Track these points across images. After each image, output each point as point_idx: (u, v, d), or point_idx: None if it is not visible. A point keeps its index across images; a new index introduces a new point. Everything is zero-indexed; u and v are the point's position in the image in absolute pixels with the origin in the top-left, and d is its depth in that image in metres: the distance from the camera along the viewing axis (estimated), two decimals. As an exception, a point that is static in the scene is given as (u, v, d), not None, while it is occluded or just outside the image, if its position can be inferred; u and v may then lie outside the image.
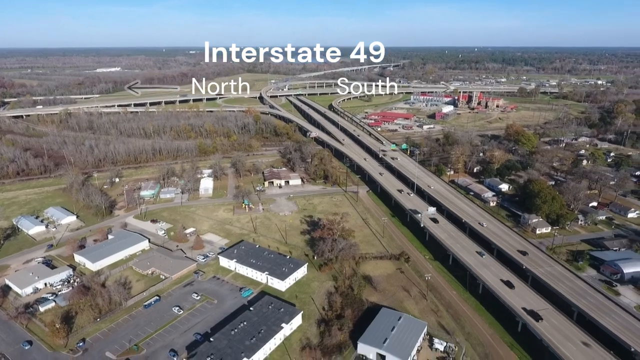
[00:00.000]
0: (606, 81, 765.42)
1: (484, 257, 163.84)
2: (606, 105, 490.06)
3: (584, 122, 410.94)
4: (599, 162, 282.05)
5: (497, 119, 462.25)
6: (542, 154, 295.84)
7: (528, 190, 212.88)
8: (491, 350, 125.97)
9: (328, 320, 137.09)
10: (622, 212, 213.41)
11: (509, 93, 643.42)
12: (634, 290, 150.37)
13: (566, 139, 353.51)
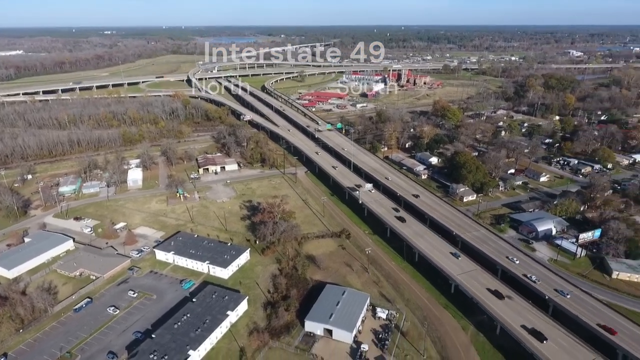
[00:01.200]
0: (519, 57, 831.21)
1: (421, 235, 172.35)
2: (519, 79, 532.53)
3: (501, 96, 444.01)
4: (515, 133, 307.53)
5: (425, 96, 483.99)
6: (466, 127, 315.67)
7: (455, 161, 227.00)
8: (428, 312, 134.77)
9: (274, 303, 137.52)
10: (535, 176, 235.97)
11: (434, 70, 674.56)
12: (547, 246, 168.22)
13: (486, 112, 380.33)
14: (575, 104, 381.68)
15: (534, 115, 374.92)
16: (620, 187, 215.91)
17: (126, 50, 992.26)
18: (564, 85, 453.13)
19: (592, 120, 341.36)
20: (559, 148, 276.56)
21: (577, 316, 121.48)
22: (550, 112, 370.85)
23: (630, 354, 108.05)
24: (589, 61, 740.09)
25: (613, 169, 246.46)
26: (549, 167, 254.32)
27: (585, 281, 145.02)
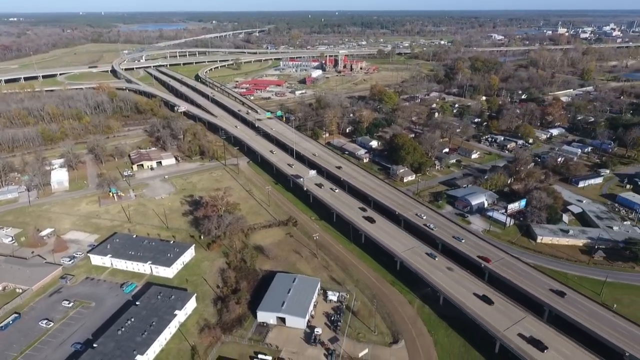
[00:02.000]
0: (447, 41, 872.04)
1: (366, 211, 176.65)
2: (449, 63, 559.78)
3: (433, 79, 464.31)
4: (447, 114, 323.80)
5: (362, 81, 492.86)
6: (403, 110, 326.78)
7: (394, 144, 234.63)
8: (377, 290, 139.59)
9: (224, 297, 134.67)
10: (467, 154, 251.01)
11: (370, 55, 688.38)
12: (480, 218, 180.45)
13: (420, 95, 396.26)
14: (499, 85, 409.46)
15: (464, 96, 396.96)
16: (541, 159, 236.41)
17: (38, 39, 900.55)
18: (489, 67, 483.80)
19: (514, 99, 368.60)
20: (487, 126, 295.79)
21: (509, 280, 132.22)
22: (477, 93, 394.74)
23: (552, 307, 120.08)
24: (509, 44, 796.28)
25: (534, 143, 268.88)
26: (479, 144, 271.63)
27: (515, 247, 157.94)
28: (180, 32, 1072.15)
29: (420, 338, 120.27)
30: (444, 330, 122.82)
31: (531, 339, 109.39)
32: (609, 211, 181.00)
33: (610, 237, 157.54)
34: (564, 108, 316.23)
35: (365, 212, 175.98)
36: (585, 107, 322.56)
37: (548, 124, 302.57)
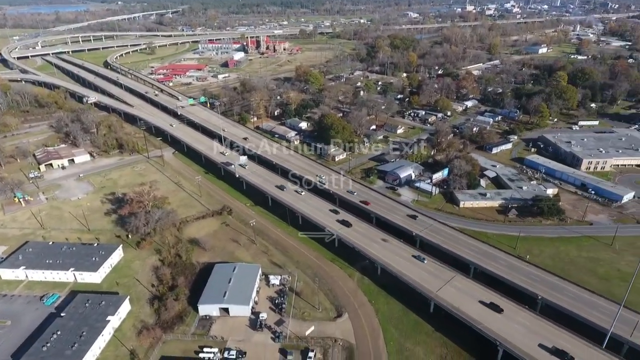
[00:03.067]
0: (366, 20, 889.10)
1: (302, 193, 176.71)
2: (369, 41, 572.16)
3: (356, 58, 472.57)
4: (371, 92, 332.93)
5: (286, 62, 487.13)
6: (329, 90, 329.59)
7: (323, 124, 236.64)
8: (318, 269, 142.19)
9: (161, 295, 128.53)
10: (393, 130, 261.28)
11: (292, 36, 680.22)
12: (409, 189, 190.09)
13: (345, 74, 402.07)
14: (418, 61, 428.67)
15: (386, 74, 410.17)
16: (459, 130, 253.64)
17: None
18: (407, 44, 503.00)
19: (432, 74, 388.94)
20: (409, 102, 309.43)
21: (437, 244, 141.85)
22: (398, 70, 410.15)
23: (476, 265, 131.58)
24: (424, 22, 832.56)
25: (451, 115, 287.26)
26: (403, 119, 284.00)
27: (441, 214, 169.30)
28: (81, 15, 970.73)
29: (362, 308, 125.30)
30: (384, 298, 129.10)
31: (461, 295, 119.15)
32: (518, 173, 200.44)
33: (521, 196, 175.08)
34: (476, 81, 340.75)
35: (301, 194, 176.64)
36: (494, 80, 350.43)
37: (463, 97, 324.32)
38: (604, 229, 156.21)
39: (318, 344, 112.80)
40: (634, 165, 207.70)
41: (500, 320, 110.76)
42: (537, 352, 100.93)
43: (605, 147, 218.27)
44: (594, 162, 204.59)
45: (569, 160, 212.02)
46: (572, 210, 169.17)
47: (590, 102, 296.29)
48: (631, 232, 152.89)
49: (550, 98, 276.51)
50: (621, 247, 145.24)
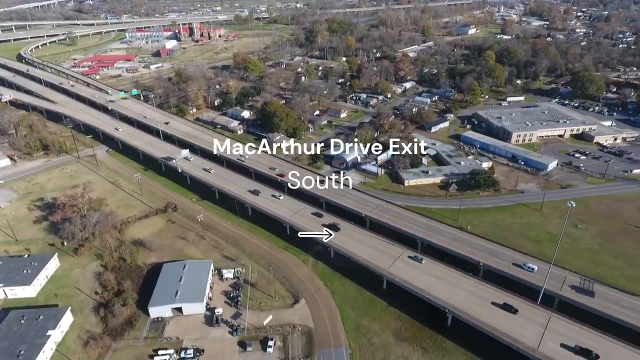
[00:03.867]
0: (303, 4, 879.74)
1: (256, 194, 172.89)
2: (307, 26, 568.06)
3: (295, 43, 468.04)
4: (313, 77, 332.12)
5: (223, 49, 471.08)
6: (270, 77, 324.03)
7: (266, 112, 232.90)
8: (271, 258, 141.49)
9: (106, 302, 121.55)
10: (336, 114, 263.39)
11: (227, 22, 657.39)
12: (356, 172, 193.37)
13: (285, 60, 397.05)
14: (356, 45, 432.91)
15: (325, 58, 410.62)
16: (399, 111, 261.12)
17: None
18: (344, 28, 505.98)
19: (370, 58, 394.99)
20: (350, 86, 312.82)
21: (386, 223, 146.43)
22: (338, 55, 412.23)
23: (423, 239, 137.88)
24: (360, 5, 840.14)
25: (392, 97, 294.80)
26: (346, 104, 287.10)
27: (388, 194, 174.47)
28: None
29: (318, 292, 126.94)
30: (339, 280, 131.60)
31: (410, 269, 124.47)
32: (456, 149, 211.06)
33: (460, 171, 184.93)
34: (412, 63, 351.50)
35: (259, 195, 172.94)
36: (429, 61, 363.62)
37: (401, 79, 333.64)
38: (534, 196, 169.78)
39: (277, 332, 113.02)
40: (556, 136, 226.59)
41: (447, 288, 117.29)
42: (481, 314, 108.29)
43: (531, 121, 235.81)
44: (522, 135, 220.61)
45: (500, 134, 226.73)
46: (505, 180, 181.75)
47: (516, 79, 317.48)
48: (556, 197, 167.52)
49: (481, 77, 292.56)
50: (549, 211, 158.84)
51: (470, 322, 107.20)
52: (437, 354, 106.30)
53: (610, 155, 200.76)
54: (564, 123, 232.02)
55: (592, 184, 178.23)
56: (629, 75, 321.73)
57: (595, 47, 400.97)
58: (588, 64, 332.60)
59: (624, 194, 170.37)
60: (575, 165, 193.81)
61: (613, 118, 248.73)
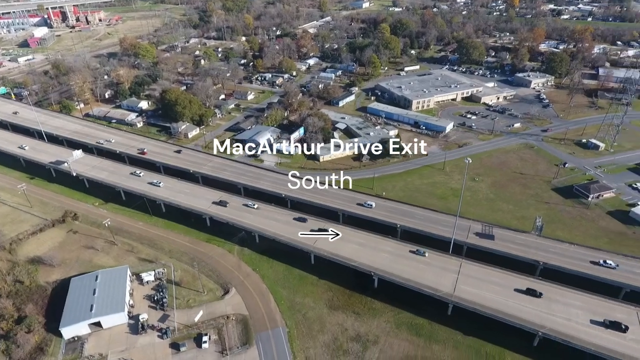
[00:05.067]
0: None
1: (158, 184, 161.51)
2: (199, 5, 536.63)
3: (189, 24, 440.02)
4: (213, 59, 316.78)
5: (107, 35, 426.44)
6: (165, 62, 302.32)
7: (166, 101, 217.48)
8: (194, 253, 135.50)
9: (6, 333, 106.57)
10: (243, 96, 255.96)
11: (106, 3, 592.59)
12: (270, 154, 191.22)
13: (180, 43, 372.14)
14: (254, 23, 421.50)
15: (224, 39, 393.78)
16: (306, 89, 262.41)
17: None
18: (240, 6, 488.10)
19: (271, 36, 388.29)
20: (254, 66, 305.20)
21: (308, 200, 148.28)
22: (237, 34, 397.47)
23: (344, 211, 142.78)
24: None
25: (297, 75, 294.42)
26: (252, 85, 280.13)
27: (305, 171, 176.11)
28: None
29: (248, 279, 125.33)
30: (267, 263, 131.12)
31: (335, 241, 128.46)
32: (364, 121, 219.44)
33: (370, 141, 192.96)
34: (313, 39, 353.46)
35: (159, 185, 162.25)
36: (329, 36, 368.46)
37: (304, 56, 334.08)
38: (436, 157, 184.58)
39: (211, 326, 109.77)
40: (450, 100, 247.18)
41: (370, 253, 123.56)
42: (402, 271, 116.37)
43: (427, 88, 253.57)
44: (421, 102, 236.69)
45: (402, 103, 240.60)
46: (411, 145, 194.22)
47: (410, 49, 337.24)
48: (455, 156, 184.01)
49: (379, 49, 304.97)
50: (450, 170, 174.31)
51: (394, 281, 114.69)
52: (369, 316, 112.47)
53: (496, 113, 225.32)
54: (455, 87, 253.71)
55: (483, 140, 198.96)
56: (503, 40, 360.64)
57: (474, 16, 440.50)
58: (470, 31, 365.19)
59: (508, 146, 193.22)
60: (468, 125, 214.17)
61: (494, 80, 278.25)
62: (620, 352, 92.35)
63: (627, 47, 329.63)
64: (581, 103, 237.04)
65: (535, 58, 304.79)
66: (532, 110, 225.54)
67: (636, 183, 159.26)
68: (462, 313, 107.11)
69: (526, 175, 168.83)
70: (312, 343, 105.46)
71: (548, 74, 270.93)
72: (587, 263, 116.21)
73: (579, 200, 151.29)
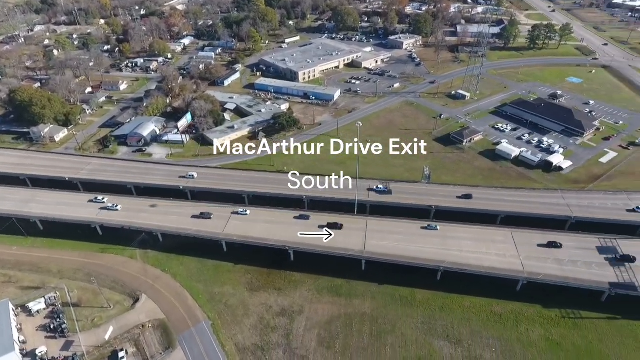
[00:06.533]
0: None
1: (29, 200, 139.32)
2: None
3: (29, 9, 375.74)
4: (69, 48, 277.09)
5: None
6: (6, 56, 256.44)
7: (18, 102, 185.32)
8: (90, 267, 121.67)
9: None
10: (114, 87, 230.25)
11: None
12: (159, 146, 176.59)
13: (21, 32, 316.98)
14: (113, 3, 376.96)
15: (77, 23, 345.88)
16: (186, 71, 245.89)
17: None
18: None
19: (135, 16, 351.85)
20: (121, 52, 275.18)
21: (210, 188, 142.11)
22: (93, 17, 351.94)
23: (249, 192, 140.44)
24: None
25: (173, 58, 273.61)
26: (122, 73, 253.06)
27: (201, 158, 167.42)
28: None
29: (158, 282, 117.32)
30: (176, 261, 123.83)
31: (243, 224, 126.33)
32: (254, 99, 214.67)
33: (263, 118, 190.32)
34: (184, 16, 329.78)
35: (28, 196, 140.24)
36: (201, 12, 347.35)
37: (177, 35, 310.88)
38: (330, 125, 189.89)
39: (126, 340, 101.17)
40: (333, 68, 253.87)
41: (281, 228, 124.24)
42: (314, 240, 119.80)
43: (310, 58, 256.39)
44: (307, 73, 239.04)
45: (288, 75, 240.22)
46: (304, 117, 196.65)
47: (288, 21, 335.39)
48: (347, 121, 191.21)
49: (257, 22, 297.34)
50: (344, 134, 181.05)
51: (308, 251, 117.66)
52: (290, 288, 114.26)
53: (377, 76, 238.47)
54: (337, 55, 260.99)
55: (370, 103, 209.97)
56: (374, 6, 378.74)
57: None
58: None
59: (391, 106, 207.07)
60: (354, 90, 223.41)
61: (371, 44, 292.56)
62: (500, 267, 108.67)
63: (476, 5, 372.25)
64: (447, 59, 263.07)
65: (403, 20, 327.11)
66: (407, 69, 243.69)
67: (497, 124, 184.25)
68: (375, 265, 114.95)
69: (411, 130, 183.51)
70: (239, 329, 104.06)
71: (416, 35, 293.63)
72: (468, 199, 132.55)
73: (456, 146, 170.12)
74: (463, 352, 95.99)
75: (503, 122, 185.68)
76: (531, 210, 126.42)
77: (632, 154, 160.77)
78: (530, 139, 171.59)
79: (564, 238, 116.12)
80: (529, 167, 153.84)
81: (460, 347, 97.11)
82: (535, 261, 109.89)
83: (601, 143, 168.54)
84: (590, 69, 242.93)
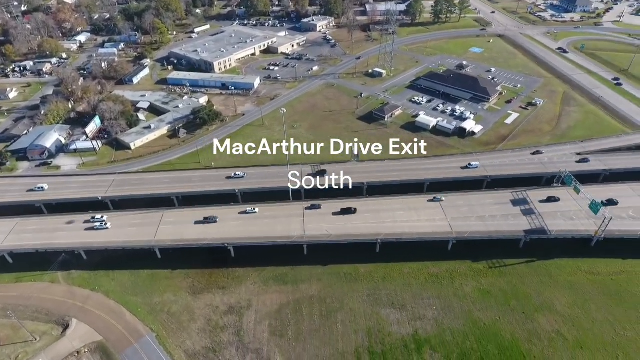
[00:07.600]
0: None
1: None
2: None
3: None
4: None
5: None
6: None
7: None
8: (3, 301, 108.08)
9: None
10: (2, 96, 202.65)
11: None
12: (66, 157, 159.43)
13: None
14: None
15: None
16: (86, 71, 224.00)
17: None
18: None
19: (14, 13, 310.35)
20: (4, 55, 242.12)
21: (130, 195, 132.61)
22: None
23: (178, 194, 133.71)
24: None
25: (69, 57, 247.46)
26: (9, 79, 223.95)
27: (116, 165, 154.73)
28: None
29: (88, 302, 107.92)
30: (106, 277, 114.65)
31: (176, 227, 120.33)
32: (168, 94, 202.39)
33: (182, 114, 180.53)
34: (75, 10, 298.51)
35: None
36: (94, 5, 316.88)
37: (70, 32, 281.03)
38: (253, 114, 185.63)
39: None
40: (250, 55, 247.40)
41: (217, 225, 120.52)
42: (254, 232, 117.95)
43: (224, 47, 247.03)
44: (222, 62, 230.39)
45: (203, 67, 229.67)
46: (225, 109, 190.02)
47: (195, 9, 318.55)
48: (270, 109, 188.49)
49: (160, 13, 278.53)
50: (270, 123, 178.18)
51: (249, 244, 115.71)
52: (235, 285, 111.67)
53: (295, 61, 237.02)
54: (252, 42, 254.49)
55: (291, 89, 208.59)
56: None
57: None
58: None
59: (313, 89, 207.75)
60: (274, 77, 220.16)
61: (284, 29, 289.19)
62: (432, 232, 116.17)
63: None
64: (360, 38, 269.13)
65: (314, 2, 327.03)
66: (323, 52, 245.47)
67: (414, 97, 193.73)
68: (316, 248, 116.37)
69: (334, 112, 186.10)
70: (187, 335, 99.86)
71: (328, 16, 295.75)
72: (397, 172, 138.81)
73: (379, 123, 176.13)
74: (408, 315, 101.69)
75: (419, 95, 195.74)
76: (452, 175, 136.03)
77: (531, 113, 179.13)
78: (444, 108, 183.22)
79: (483, 196, 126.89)
80: (446, 135, 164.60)
81: (404, 311, 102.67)
82: (462, 221, 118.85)
83: (505, 106, 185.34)
84: (488, 38, 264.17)
